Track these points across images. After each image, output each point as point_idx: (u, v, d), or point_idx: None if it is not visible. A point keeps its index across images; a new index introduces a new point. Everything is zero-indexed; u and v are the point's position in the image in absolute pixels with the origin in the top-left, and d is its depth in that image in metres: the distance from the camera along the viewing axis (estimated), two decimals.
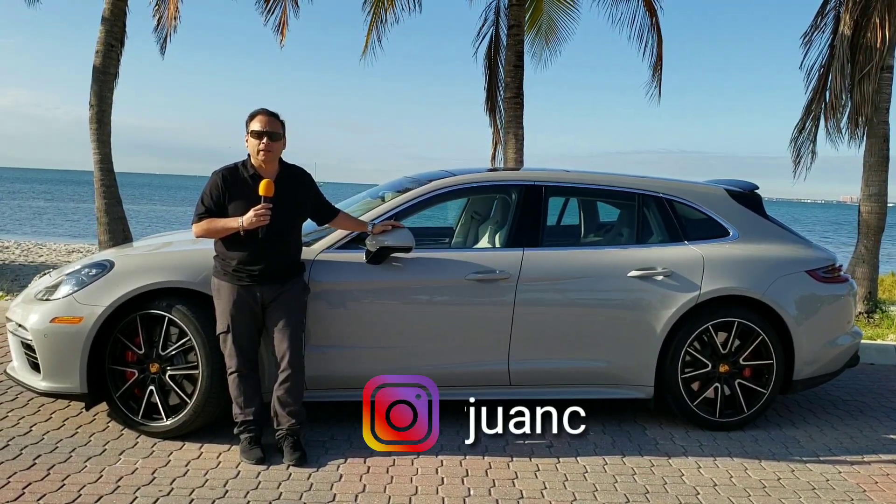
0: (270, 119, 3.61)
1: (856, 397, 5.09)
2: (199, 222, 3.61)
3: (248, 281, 3.57)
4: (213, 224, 3.58)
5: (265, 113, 3.62)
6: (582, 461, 3.74)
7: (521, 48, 9.10)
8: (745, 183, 4.80)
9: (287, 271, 3.67)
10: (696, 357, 4.19)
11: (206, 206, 3.61)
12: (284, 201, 3.61)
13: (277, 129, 3.62)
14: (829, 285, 4.45)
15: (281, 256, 3.64)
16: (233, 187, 3.61)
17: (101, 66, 8.53)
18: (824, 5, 8.69)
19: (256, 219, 3.48)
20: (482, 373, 4.09)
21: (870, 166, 8.16)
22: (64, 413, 4.10)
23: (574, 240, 4.95)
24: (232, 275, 3.59)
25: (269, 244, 3.58)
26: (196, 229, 3.63)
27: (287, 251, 3.68)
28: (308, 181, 3.80)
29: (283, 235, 3.63)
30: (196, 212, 3.63)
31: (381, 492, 3.30)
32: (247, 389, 3.62)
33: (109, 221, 8.66)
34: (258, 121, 3.59)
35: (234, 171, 3.65)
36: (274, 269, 3.61)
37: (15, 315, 3.97)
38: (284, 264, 3.67)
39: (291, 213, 3.66)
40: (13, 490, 3.14)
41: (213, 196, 3.61)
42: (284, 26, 9.46)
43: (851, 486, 3.59)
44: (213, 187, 3.62)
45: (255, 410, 3.64)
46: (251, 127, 3.59)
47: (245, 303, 3.58)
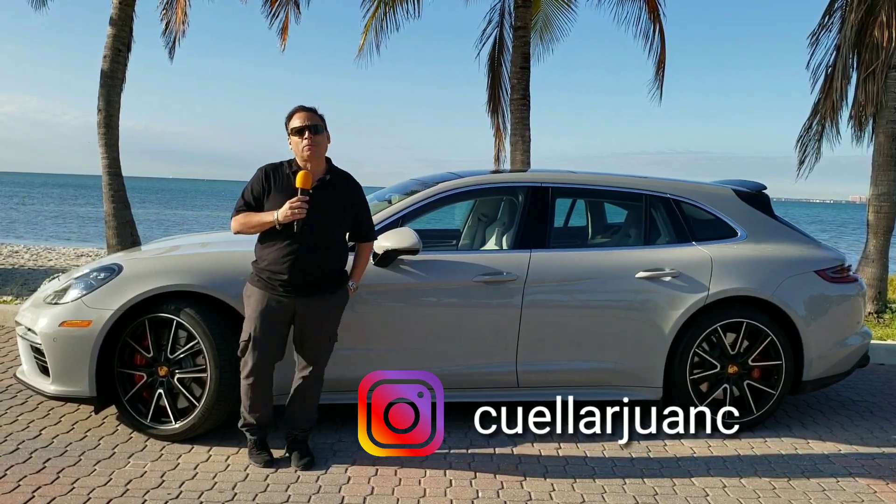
0: (310, 114, 3.45)
1: (866, 398, 5.06)
2: (237, 216, 3.50)
3: (281, 290, 3.39)
4: (249, 218, 3.45)
5: (303, 109, 3.47)
6: (591, 463, 3.73)
7: (527, 49, 9.12)
8: (752, 183, 4.79)
9: (324, 282, 3.47)
10: (704, 358, 4.18)
11: (246, 201, 3.49)
12: (324, 202, 3.42)
13: (318, 122, 3.45)
14: (839, 285, 4.43)
15: (317, 266, 3.43)
16: (274, 183, 3.47)
17: (108, 71, 8.58)
18: (831, 5, 8.65)
19: (291, 211, 3.31)
20: (490, 375, 4.09)
21: (878, 165, 8.12)
22: (73, 416, 4.12)
23: (581, 241, 4.94)
24: (265, 282, 3.42)
25: (305, 251, 3.38)
26: (233, 223, 3.51)
27: (324, 260, 3.46)
28: (354, 188, 3.58)
29: (319, 241, 3.42)
30: (235, 206, 3.52)
31: (390, 494, 3.29)
32: (257, 397, 3.51)
33: (118, 225, 8.70)
34: (298, 117, 3.44)
35: (277, 167, 3.51)
36: (308, 279, 3.41)
37: (24, 319, 3.99)
38: (320, 274, 3.45)
39: (330, 215, 3.44)
40: (23, 493, 3.15)
41: (253, 191, 3.49)
42: (286, 30, 9.55)
43: (862, 488, 3.56)
44: (255, 182, 3.50)
45: (261, 416, 3.56)
46: (291, 125, 3.44)
47: (274, 314, 3.41)
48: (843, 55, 8.07)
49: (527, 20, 9.15)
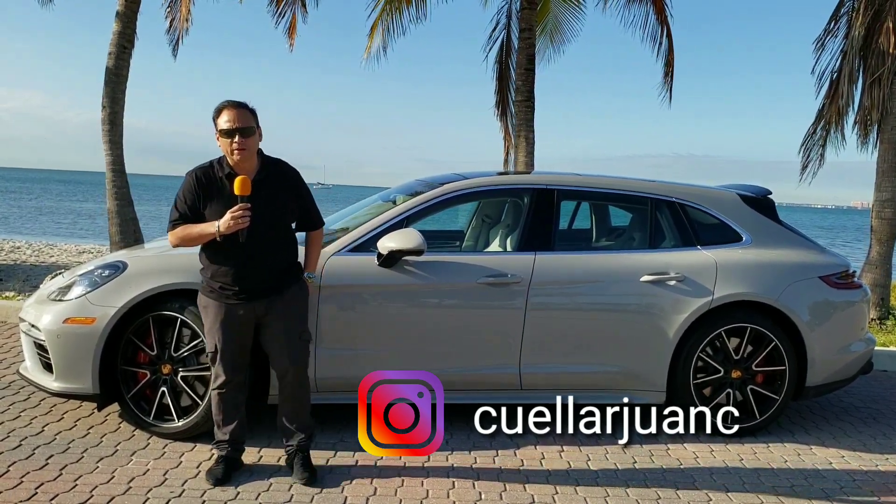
0: (240, 112, 3.17)
1: (869, 404, 5.05)
2: (174, 230, 3.25)
3: (236, 300, 3.24)
4: (188, 231, 3.22)
5: (232, 106, 3.18)
6: (594, 466, 3.73)
7: (532, 51, 9.12)
8: (758, 188, 4.78)
9: (279, 282, 3.32)
10: (708, 362, 4.17)
11: (181, 212, 3.23)
12: (266, 201, 3.22)
13: (249, 122, 3.18)
14: (843, 291, 4.41)
15: (268, 267, 3.27)
16: (207, 189, 3.22)
17: (113, 68, 8.59)
18: (837, 10, 8.64)
19: (234, 221, 3.10)
20: (493, 377, 4.08)
21: (883, 171, 8.11)
22: (76, 413, 4.12)
23: (586, 244, 4.93)
24: (218, 292, 3.26)
25: (253, 255, 3.22)
26: (171, 238, 3.28)
27: (275, 260, 3.31)
28: (293, 178, 3.38)
29: (267, 242, 3.26)
30: (170, 218, 3.27)
31: (393, 494, 3.29)
32: (227, 408, 3.38)
33: (121, 222, 8.70)
34: (226, 117, 3.16)
35: (207, 171, 3.25)
36: (262, 285, 3.26)
37: (28, 315, 3.99)
38: (273, 275, 3.30)
39: (275, 214, 3.27)
40: (26, 490, 3.15)
41: (187, 200, 3.23)
42: (294, 30, 9.53)
43: (865, 494, 3.56)
44: (187, 191, 3.24)
45: (233, 430, 3.40)
46: (219, 125, 3.18)
47: (234, 321, 3.27)
48: (849, 60, 8.06)
49: (532, 22, 9.15)
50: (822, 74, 8.66)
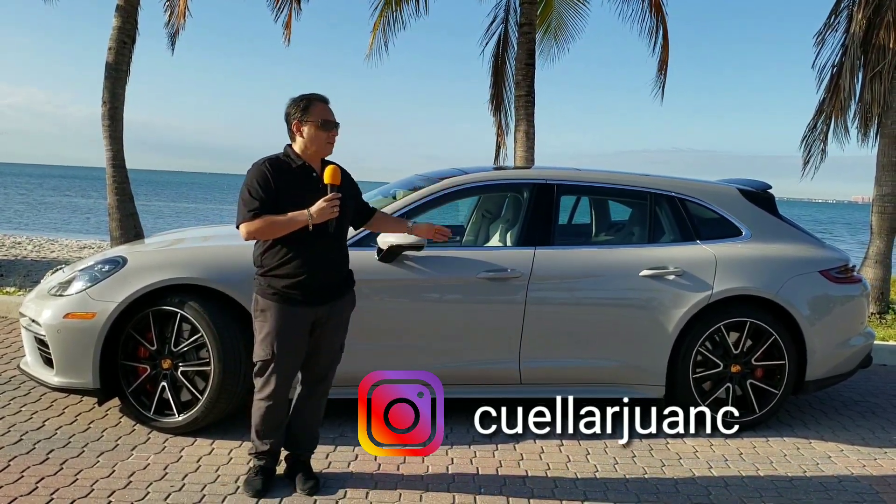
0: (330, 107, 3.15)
1: (868, 398, 5.06)
2: (254, 220, 2.98)
3: (302, 302, 3.06)
4: (273, 220, 2.98)
5: (327, 100, 3.14)
6: (593, 461, 3.74)
7: (532, 46, 9.11)
8: (757, 182, 4.78)
9: (344, 284, 3.25)
10: (707, 357, 4.17)
11: (261, 201, 2.99)
12: (346, 196, 3.14)
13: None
14: (843, 286, 4.42)
15: (337, 268, 3.18)
16: (282, 179, 3.05)
17: (113, 63, 8.58)
18: (838, 4, 8.62)
19: (329, 209, 2.99)
20: (492, 371, 4.09)
21: (883, 166, 8.10)
22: (76, 408, 4.13)
23: (586, 239, 4.94)
24: (281, 293, 3.05)
25: (330, 251, 3.12)
26: (249, 228, 2.99)
27: (343, 259, 3.22)
28: (349, 175, 3.31)
29: (341, 239, 3.19)
30: (248, 208, 2.99)
31: (392, 489, 3.30)
32: (273, 420, 3.21)
33: (121, 217, 8.71)
34: (327, 110, 3.10)
35: (279, 162, 3.10)
36: (330, 285, 3.15)
37: (28, 310, 3.99)
38: (341, 276, 3.22)
39: (346, 211, 3.18)
40: (26, 484, 3.16)
41: (263, 190, 3.00)
42: (289, 25, 9.56)
43: (864, 488, 3.57)
44: (261, 179, 3.02)
45: (274, 443, 3.26)
46: (320, 116, 3.07)
47: (296, 327, 3.09)
48: (850, 54, 8.05)
49: (532, 17, 9.13)
50: (823, 69, 8.65)
